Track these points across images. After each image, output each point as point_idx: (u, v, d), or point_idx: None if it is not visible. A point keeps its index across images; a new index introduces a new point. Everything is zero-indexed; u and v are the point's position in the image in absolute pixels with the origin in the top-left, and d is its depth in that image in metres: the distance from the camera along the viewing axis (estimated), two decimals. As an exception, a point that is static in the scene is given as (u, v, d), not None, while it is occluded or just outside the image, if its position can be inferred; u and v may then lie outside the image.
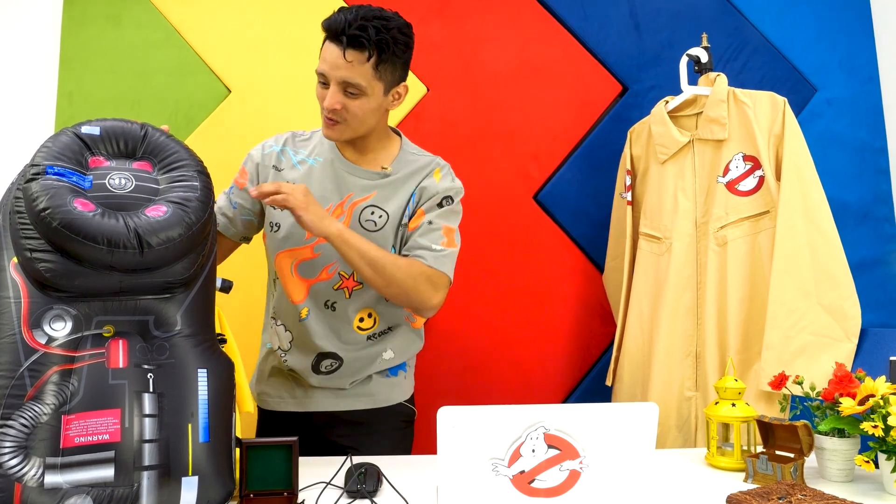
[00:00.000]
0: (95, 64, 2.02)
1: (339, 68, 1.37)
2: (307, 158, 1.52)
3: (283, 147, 1.54)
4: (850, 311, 1.61)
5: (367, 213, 1.48)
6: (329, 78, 1.39)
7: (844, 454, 1.26)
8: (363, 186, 1.49)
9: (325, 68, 1.39)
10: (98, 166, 1.06)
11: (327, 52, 1.39)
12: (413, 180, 1.51)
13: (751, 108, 1.69)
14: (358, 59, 1.36)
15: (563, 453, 0.99)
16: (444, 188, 1.51)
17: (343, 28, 1.35)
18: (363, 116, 1.42)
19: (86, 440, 0.95)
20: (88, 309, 1.01)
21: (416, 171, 1.52)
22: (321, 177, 1.49)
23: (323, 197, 1.47)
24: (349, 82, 1.38)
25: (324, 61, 1.40)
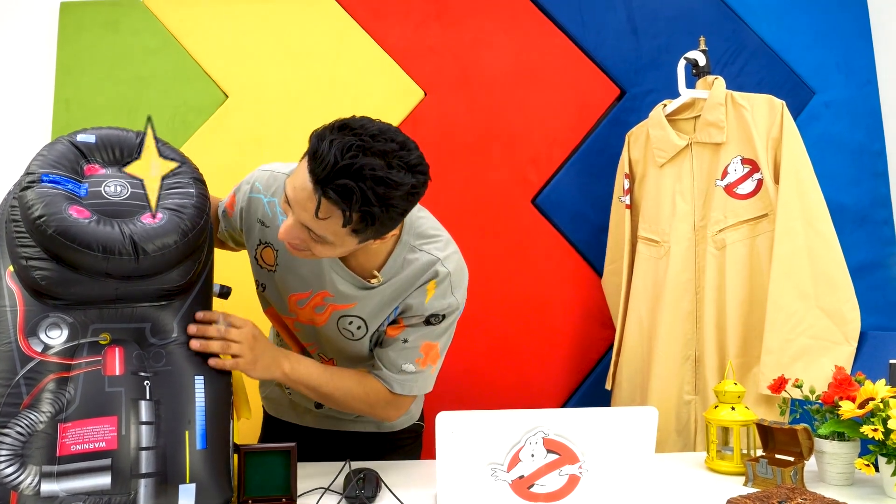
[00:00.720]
0: (92, 70, 2.02)
1: (307, 214, 1.06)
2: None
3: (270, 198, 1.29)
4: (850, 314, 1.60)
5: (344, 322, 1.30)
6: (292, 212, 1.10)
7: (844, 458, 1.26)
8: (345, 294, 1.27)
9: (291, 199, 1.08)
10: (94, 174, 1.06)
11: (298, 182, 1.06)
12: (401, 293, 1.27)
13: (749, 111, 1.69)
14: (333, 214, 1.05)
15: (562, 458, 0.99)
16: (433, 309, 1.27)
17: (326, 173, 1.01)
18: (333, 251, 1.14)
19: (82, 448, 0.94)
20: (84, 317, 1.01)
21: (408, 281, 1.26)
22: (307, 261, 1.27)
23: (303, 279, 1.29)
24: (314, 233, 1.10)
25: (293, 188, 1.07)
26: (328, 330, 1.33)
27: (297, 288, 1.31)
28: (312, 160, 1.03)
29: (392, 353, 1.29)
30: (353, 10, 2.07)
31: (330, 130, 1.05)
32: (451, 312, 1.30)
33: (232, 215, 1.38)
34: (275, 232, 1.29)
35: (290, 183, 1.09)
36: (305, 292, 1.31)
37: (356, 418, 1.49)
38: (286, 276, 1.31)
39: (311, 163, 1.03)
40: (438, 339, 1.31)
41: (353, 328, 1.30)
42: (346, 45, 2.05)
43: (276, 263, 1.32)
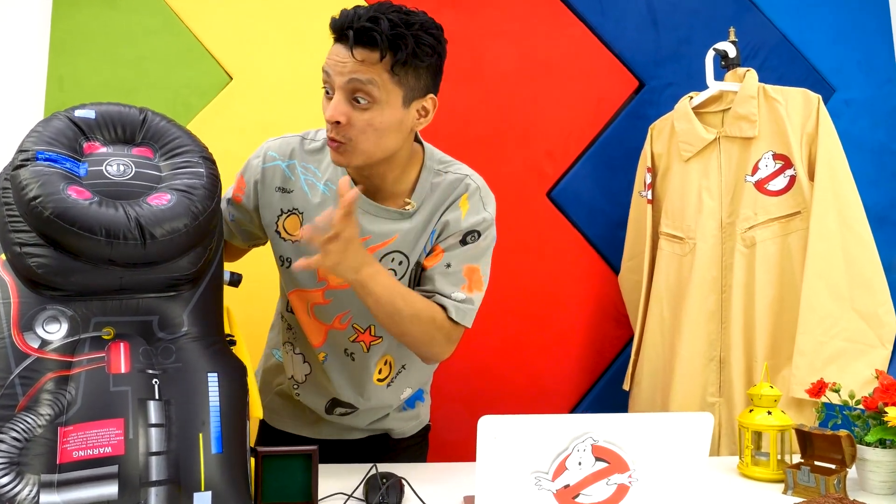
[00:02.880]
0: (88, 49, 1.92)
1: (346, 66, 1.10)
2: (318, 183, 1.26)
3: (289, 161, 1.27)
4: (885, 317, 1.55)
5: (387, 261, 1.25)
6: (333, 82, 1.13)
7: (888, 465, 1.20)
8: (382, 232, 1.24)
9: (329, 68, 1.13)
10: (94, 152, 0.97)
11: (332, 52, 1.14)
12: (436, 213, 1.26)
13: (783, 105, 1.63)
14: (369, 57, 1.09)
15: (611, 466, 0.91)
16: (469, 224, 1.26)
17: (350, 21, 1.09)
18: (376, 135, 1.14)
19: (85, 454, 0.85)
20: (86, 309, 0.92)
21: (440, 200, 1.26)
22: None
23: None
24: (358, 83, 1.10)
25: (328, 61, 1.14)
26: None
27: None
28: (338, 20, 1.11)
29: (439, 280, 1.24)
30: (364, -7, 1.98)
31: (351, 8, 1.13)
32: (485, 229, 1.27)
33: (241, 200, 1.30)
34: (299, 196, 1.25)
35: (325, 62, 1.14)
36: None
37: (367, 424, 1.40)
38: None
39: (337, 21, 1.11)
40: (479, 262, 1.27)
41: (394, 265, 1.25)
42: (356, 28, 1.96)
43: (301, 226, 1.25)
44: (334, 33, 1.13)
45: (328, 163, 1.25)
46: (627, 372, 1.89)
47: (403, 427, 1.45)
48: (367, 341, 1.31)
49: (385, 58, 1.10)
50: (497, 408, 1.93)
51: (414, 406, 1.46)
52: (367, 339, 1.31)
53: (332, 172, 1.26)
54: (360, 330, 1.30)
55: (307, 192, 1.26)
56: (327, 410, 1.38)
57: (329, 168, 1.26)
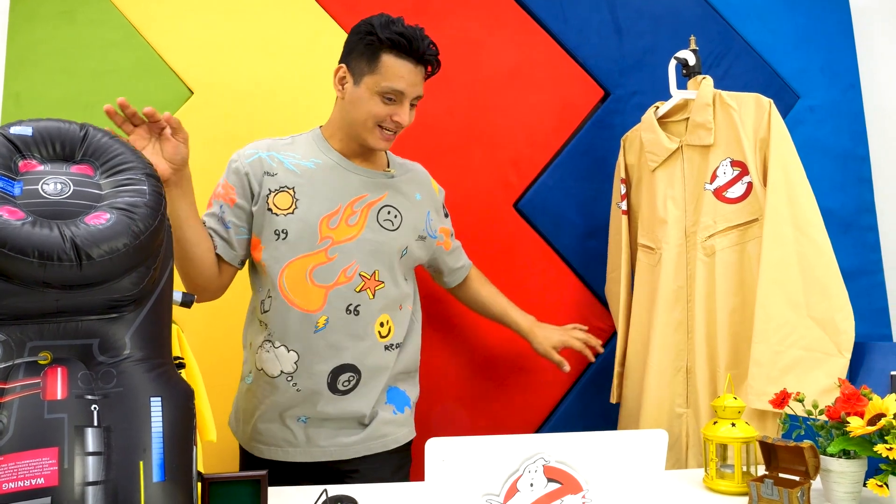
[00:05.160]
0: (46, 63, 1.88)
1: (417, 85, 1.43)
2: (302, 161, 1.47)
3: (268, 152, 1.47)
4: (843, 323, 1.52)
5: (384, 213, 1.48)
6: (406, 95, 1.42)
7: (852, 476, 1.19)
8: (376, 186, 1.49)
9: (403, 86, 1.41)
10: (30, 170, 0.93)
11: (403, 69, 1.40)
12: (416, 187, 1.57)
13: (736, 111, 1.62)
14: (424, 76, 1.46)
15: (564, 487, 0.89)
16: (441, 198, 1.67)
17: (424, 48, 1.40)
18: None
19: (16, 486, 0.81)
20: (20, 333, 0.88)
21: (416, 178, 1.59)
22: (326, 178, 1.46)
23: (330, 198, 1.44)
24: (419, 95, 1.45)
25: (400, 79, 1.40)
26: (368, 232, 1.44)
27: (326, 209, 1.43)
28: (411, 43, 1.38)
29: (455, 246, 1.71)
30: (328, 4, 1.97)
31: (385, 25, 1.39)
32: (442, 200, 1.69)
33: (236, 200, 1.44)
34: (285, 175, 1.43)
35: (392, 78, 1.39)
36: (335, 209, 1.43)
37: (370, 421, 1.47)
38: (310, 204, 1.42)
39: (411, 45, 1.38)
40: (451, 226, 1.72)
41: (391, 217, 1.48)
42: (319, 39, 1.95)
43: (294, 199, 1.42)
44: (408, 54, 1.40)
45: (304, 149, 1.49)
46: (613, 384, 1.88)
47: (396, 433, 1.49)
48: (374, 287, 1.46)
49: (431, 73, 1.48)
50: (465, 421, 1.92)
51: (403, 411, 1.52)
52: (373, 284, 1.46)
53: (311, 151, 1.49)
54: (366, 277, 1.45)
55: (293, 169, 1.45)
56: (331, 387, 1.42)
57: (308, 150, 1.49)
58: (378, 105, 1.41)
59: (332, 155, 1.48)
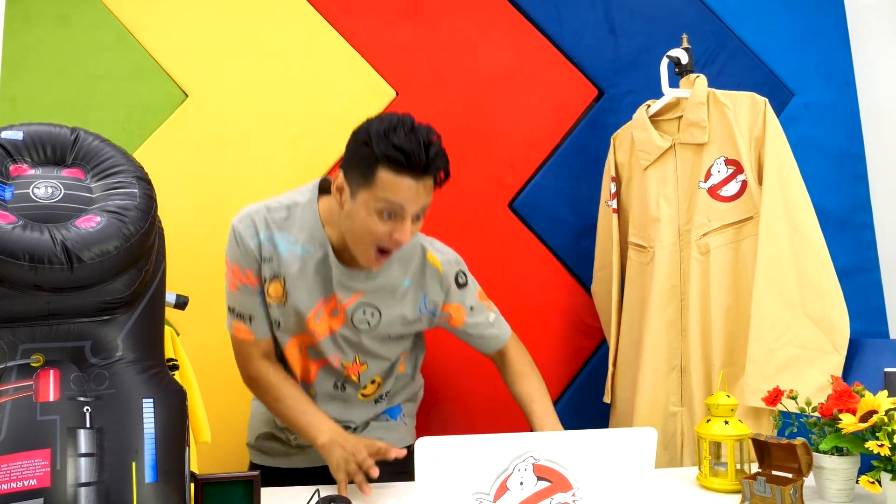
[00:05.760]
0: (41, 67, 1.89)
1: (421, 198, 1.26)
2: (295, 246, 1.37)
3: (266, 232, 1.37)
4: (838, 321, 1.53)
5: (359, 314, 1.40)
6: (407, 211, 1.25)
7: (845, 473, 1.19)
8: (347, 287, 1.38)
9: (403, 200, 1.24)
10: (21, 174, 0.94)
11: (401, 184, 1.23)
12: (403, 273, 1.42)
13: (731, 110, 1.63)
14: (432, 185, 1.29)
15: (553, 485, 0.89)
16: (450, 271, 1.46)
17: (426, 162, 1.23)
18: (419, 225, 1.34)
19: (9, 487, 0.82)
20: (13, 336, 0.89)
21: (405, 262, 1.42)
22: (312, 272, 1.37)
23: (314, 293, 1.38)
24: (424, 208, 1.29)
25: (397, 195, 1.23)
26: (346, 330, 1.40)
27: (310, 304, 1.37)
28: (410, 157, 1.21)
29: (478, 322, 1.50)
30: (322, 6, 1.97)
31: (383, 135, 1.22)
32: (460, 262, 1.49)
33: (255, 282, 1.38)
34: (279, 264, 1.36)
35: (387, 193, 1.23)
36: (317, 304, 1.38)
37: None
38: (298, 297, 1.37)
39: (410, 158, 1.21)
40: (477, 285, 1.52)
41: (367, 316, 1.40)
42: (314, 41, 1.95)
43: (284, 291, 1.37)
44: (404, 167, 1.22)
45: (298, 227, 1.38)
46: (607, 384, 1.88)
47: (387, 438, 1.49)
48: (357, 370, 1.45)
49: (440, 182, 1.30)
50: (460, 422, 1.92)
51: (396, 418, 1.54)
52: (357, 368, 1.45)
53: (305, 235, 1.37)
54: (347, 365, 1.44)
55: (287, 258, 1.37)
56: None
57: (301, 232, 1.38)
58: (375, 223, 1.26)
59: (323, 245, 1.37)
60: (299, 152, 1.90)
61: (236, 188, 1.86)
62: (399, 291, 1.42)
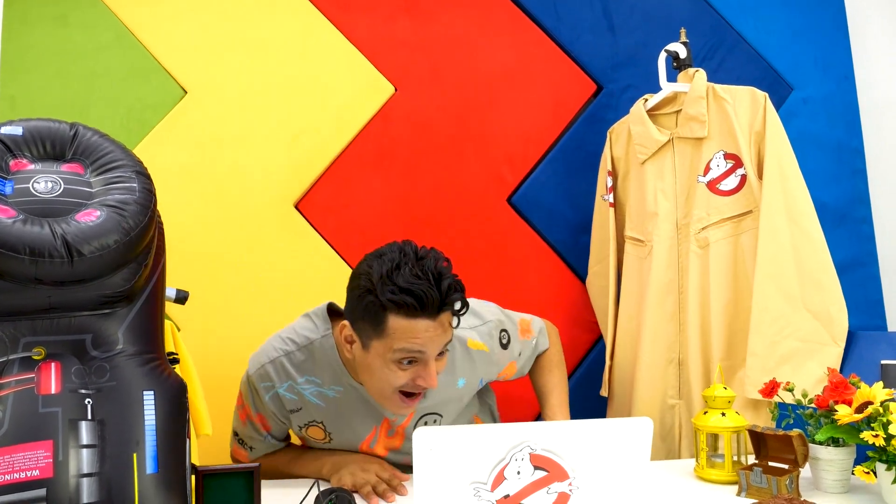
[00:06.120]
0: (40, 67, 1.89)
1: (441, 336, 1.18)
2: (324, 389, 1.32)
3: (287, 383, 1.32)
4: (837, 314, 1.55)
5: (420, 424, 1.35)
6: (429, 355, 1.18)
7: (841, 464, 1.20)
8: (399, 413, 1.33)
9: (421, 345, 1.16)
10: (21, 169, 0.95)
11: (417, 328, 1.15)
12: (455, 376, 1.35)
13: (731, 105, 1.63)
14: (450, 320, 1.21)
15: (550, 475, 0.90)
16: (492, 346, 1.40)
17: (441, 300, 1.15)
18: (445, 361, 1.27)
19: (12, 478, 0.83)
20: (14, 329, 0.90)
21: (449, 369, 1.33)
22: (350, 409, 1.32)
23: (362, 425, 1.33)
24: (446, 347, 1.22)
25: (414, 342, 1.15)
26: (409, 444, 1.35)
27: (360, 435, 1.34)
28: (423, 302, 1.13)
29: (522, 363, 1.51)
30: (320, 3, 1.97)
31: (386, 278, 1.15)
32: (500, 324, 1.43)
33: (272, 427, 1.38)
34: (311, 410, 1.32)
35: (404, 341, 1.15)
36: (370, 433, 1.35)
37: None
38: (344, 434, 1.34)
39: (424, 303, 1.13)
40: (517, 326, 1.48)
41: (430, 422, 1.37)
42: (313, 38, 1.96)
43: (326, 433, 1.35)
44: (416, 311, 1.14)
45: (321, 369, 1.31)
46: (604, 378, 1.89)
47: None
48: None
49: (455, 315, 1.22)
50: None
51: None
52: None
53: (331, 375, 1.31)
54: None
55: (317, 402, 1.32)
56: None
57: (326, 371, 1.31)
58: (395, 373, 1.18)
59: (349, 381, 1.30)
60: (298, 148, 1.91)
61: (236, 184, 1.87)
62: (456, 394, 1.37)
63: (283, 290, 1.86)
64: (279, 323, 1.83)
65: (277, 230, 1.87)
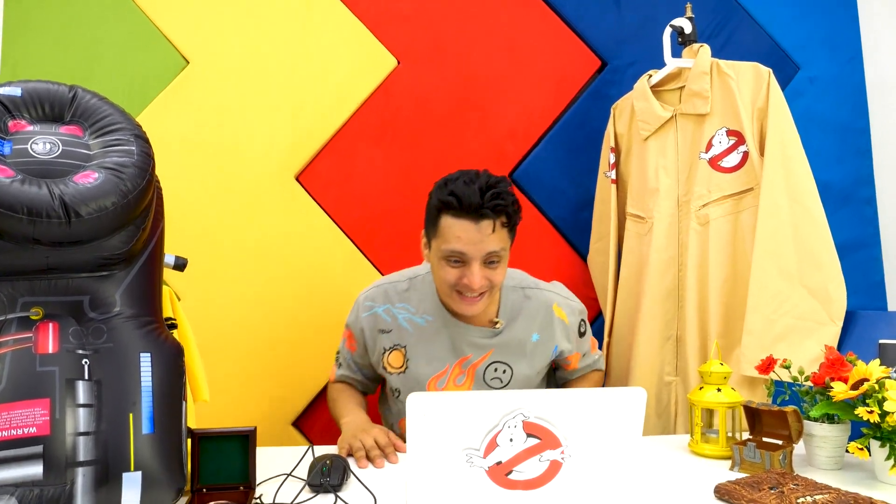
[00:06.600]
0: (42, 35, 1.89)
1: (483, 242, 1.30)
2: (415, 317, 1.46)
3: (385, 306, 1.47)
4: (835, 293, 1.54)
5: (490, 372, 1.46)
6: (469, 257, 1.31)
7: (835, 441, 1.21)
8: (478, 345, 1.45)
9: (462, 247, 1.30)
10: (20, 130, 0.95)
11: (459, 229, 1.29)
12: (531, 329, 1.47)
13: (734, 80, 1.61)
14: (498, 224, 1.31)
15: (543, 442, 0.91)
16: (574, 320, 1.53)
17: (479, 203, 1.28)
18: (499, 283, 1.37)
19: (9, 434, 0.84)
20: (12, 289, 0.91)
21: (531, 317, 1.48)
22: (434, 338, 1.45)
23: (438, 358, 1.44)
24: (493, 253, 1.31)
25: (457, 240, 1.30)
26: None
27: (434, 369, 1.44)
28: (464, 201, 1.27)
29: (582, 364, 1.61)
30: (323, -27, 1.95)
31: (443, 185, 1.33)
32: (583, 312, 1.57)
33: (355, 349, 1.52)
34: (398, 333, 1.45)
35: (450, 240, 1.30)
36: (442, 369, 1.44)
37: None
38: (420, 364, 1.44)
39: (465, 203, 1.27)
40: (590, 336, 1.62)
41: (499, 374, 1.46)
42: (316, 9, 1.94)
43: (406, 360, 1.45)
44: (452, 211, 1.29)
45: (418, 299, 1.47)
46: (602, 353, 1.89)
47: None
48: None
49: (507, 224, 1.33)
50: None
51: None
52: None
53: (426, 305, 1.46)
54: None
55: (407, 327, 1.46)
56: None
57: (422, 302, 1.46)
58: (446, 270, 1.34)
59: (441, 312, 1.45)
60: (300, 120, 1.90)
61: (237, 156, 1.87)
62: (528, 347, 1.47)
63: (282, 261, 1.86)
64: (278, 293, 1.85)
65: (278, 202, 1.87)
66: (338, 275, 1.89)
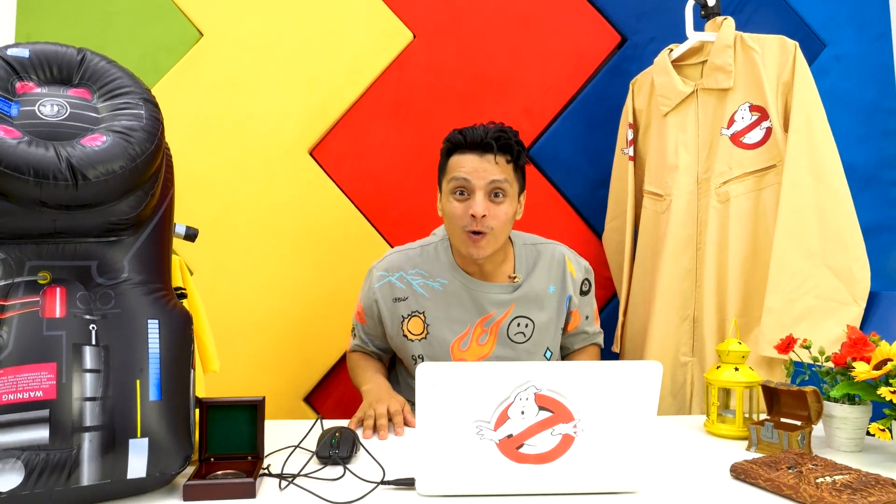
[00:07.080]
0: (56, 5, 1.87)
1: (486, 171, 1.36)
2: (430, 282, 1.48)
3: (398, 274, 1.49)
4: (859, 273, 1.49)
5: (514, 327, 1.47)
6: (473, 185, 1.36)
7: (855, 422, 1.18)
8: (500, 302, 1.47)
9: (465, 173, 1.36)
10: (27, 92, 0.93)
11: (464, 161, 1.37)
12: (547, 281, 1.50)
13: (759, 54, 1.56)
14: (502, 159, 1.38)
15: (555, 416, 0.89)
16: (579, 277, 1.55)
17: (481, 138, 1.36)
18: (505, 223, 1.39)
19: (15, 398, 0.84)
20: (19, 252, 0.89)
21: (545, 270, 1.51)
22: (453, 300, 1.46)
23: (458, 320, 1.45)
24: (497, 182, 1.36)
25: (462, 170, 1.37)
26: (500, 349, 1.46)
27: (455, 331, 1.45)
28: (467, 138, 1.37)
29: (587, 327, 1.59)
30: (338, -55, 1.92)
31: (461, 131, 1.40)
32: (590, 271, 1.58)
33: (366, 322, 1.54)
34: (415, 300, 1.46)
35: (456, 172, 1.37)
36: (464, 331, 1.45)
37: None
38: (441, 328, 1.45)
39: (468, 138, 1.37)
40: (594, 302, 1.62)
41: (522, 328, 1.47)
42: (330, -19, 1.91)
43: (425, 325, 1.46)
44: (466, 147, 1.38)
45: (431, 264, 1.49)
46: (616, 333, 1.87)
47: None
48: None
49: (512, 161, 1.38)
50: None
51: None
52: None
53: (440, 269, 1.48)
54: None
55: (422, 293, 1.47)
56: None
57: (437, 266, 1.48)
58: (454, 206, 1.38)
59: (458, 274, 1.47)
60: (314, 93, 1.88)
61: (250, 129, 1.85)
62: (545, 299, 1.50)
63: (295, 236, 1.85)
64: (290, 268, 1.84)
65: (291, 176, 1.86)
66: (350, 250, 1.87)
